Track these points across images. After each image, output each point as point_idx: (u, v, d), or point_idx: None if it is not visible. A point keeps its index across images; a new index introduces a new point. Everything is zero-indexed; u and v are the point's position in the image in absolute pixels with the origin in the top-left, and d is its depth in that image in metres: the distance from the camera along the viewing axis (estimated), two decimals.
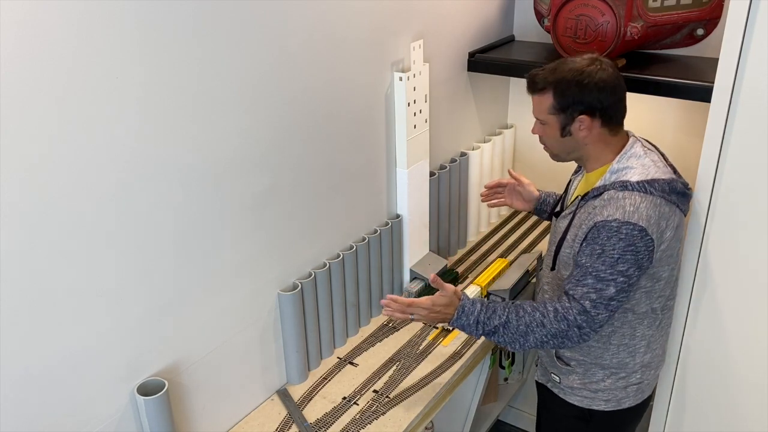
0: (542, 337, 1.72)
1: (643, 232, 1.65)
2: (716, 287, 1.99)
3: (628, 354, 1.87)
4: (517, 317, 1.73)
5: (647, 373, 1.94)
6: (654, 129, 2.51)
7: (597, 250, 1.68)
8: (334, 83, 1.91)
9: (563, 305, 1.71)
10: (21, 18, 1.13)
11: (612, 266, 1.66)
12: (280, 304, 1.90)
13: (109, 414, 1.51)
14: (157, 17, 1.36)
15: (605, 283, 1.67)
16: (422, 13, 2.22)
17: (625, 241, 1.65)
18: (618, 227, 1.65)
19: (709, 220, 1.92)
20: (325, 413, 1.88)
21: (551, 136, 1.82)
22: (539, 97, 1.78)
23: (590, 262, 1.69)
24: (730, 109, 1.78)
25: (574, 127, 1.77)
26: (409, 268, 2.41)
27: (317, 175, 1.94)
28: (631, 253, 1.65)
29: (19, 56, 1.14)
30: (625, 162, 1.76)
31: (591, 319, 1.69)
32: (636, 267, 1.67)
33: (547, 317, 1.71)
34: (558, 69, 1.76)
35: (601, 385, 1.91)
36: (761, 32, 1.67)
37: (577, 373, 1.93)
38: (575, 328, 1.70)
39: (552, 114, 1.77)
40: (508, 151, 2.96)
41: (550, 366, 2.00)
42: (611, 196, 1.71)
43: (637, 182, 1.70)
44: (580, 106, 1.74)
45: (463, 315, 1.76)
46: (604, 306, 1.68)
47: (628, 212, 1.65)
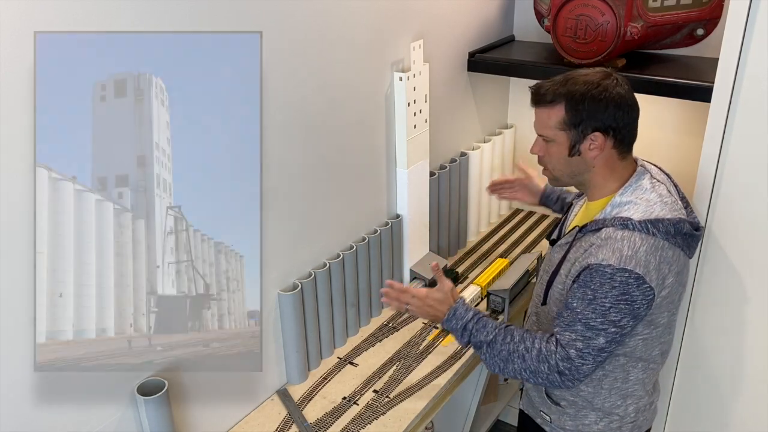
0: (521, 370, 1.61)
1: (640, 280, 1.50)
2: (716, 287, 1.99)
3: (620, 397, 1.73)
4: (503, 341, 1.63)
5: (642, 413, 1.79)
6: (654, 129, 2.51)
7: (588, 296, 1.53)
8: (334, 83, 1.91)
9: (548, 347, 1.58)
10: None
11: (603, 315, 1.52)
12: (280, 304, 1.90)
13: (109, 414, 1.51)
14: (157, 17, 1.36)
15: (595, 332, 1.53)
16: (422, 13, 2.22)
17: (618, 290, 1.50)
18: (612, 274, 1.50)
19: (709, 220, 1.92)
20: (325, 413, 1.88)
21: (557, 155, 1.65)
22: (548, 110, 1.61)
23: (581, 307, 1.55)
24: (730, 109, 1.78)
25: (585, 146, 1.60)
26: (409, 268, 2.41)
27: (317, 175, 1.94)
28: (625, 302, 1.51)
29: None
30: (629, 196, 1.61)
31: (575, 369, 1.56)
32: (631, 317, 1.53)
33: (530, 353, 1.60)
34: (570, 81, 1.59)
35: (594, 428, 1.77)
36: (761, 32, 1.67)
37: (568, 414, 1.79)
38: (556, 374, 1.57)
39: (562, 130, 1.60)
40: (508, 151, 2.96)
41: (538, 402, 1.87)
42: (609, 235, 1.56)
43: (639, 221, 1.54)
44: (594, 123, 1.57)
45: (453, 318, 1.70)
46: (592, 357, 1.55)
47: (624, 257, 1.50)
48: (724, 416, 2.12)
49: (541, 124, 1.64)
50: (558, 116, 1.59)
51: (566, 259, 1.67)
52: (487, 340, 1.65)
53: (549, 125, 1.62)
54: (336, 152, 1.99)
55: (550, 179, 1.74)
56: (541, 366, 1.58)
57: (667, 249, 1.55)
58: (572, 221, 1.81)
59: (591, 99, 1.56)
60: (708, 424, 2.17)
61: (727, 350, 2.04)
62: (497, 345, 1.64)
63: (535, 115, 1.66)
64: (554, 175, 1.71)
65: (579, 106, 1.57)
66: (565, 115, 1.58)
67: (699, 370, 2.11)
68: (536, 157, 1.72)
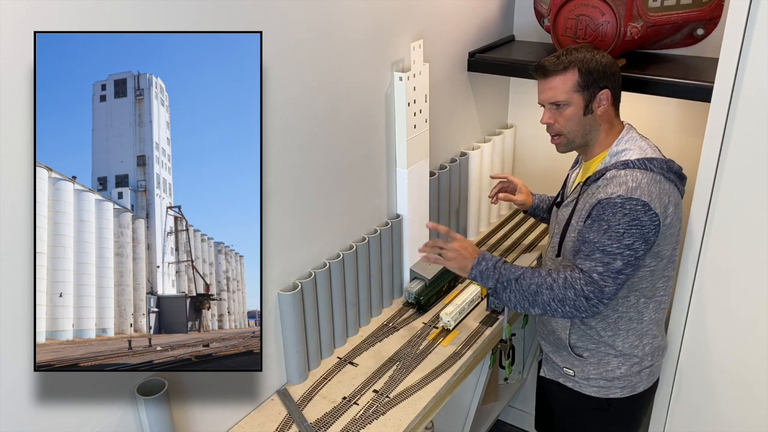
0: (550, 300, 1.77)
1: (647, 207, 1.70)
2: (716, 287, 1.99)
3: (637, 337, 1.93)
4: (531, 276, 1.79)
5: (657, 355, 1.99)
6: (654, 129, 2.50)
7: (603, 226, 1.73)
8: (334, 83, 1.91)
9: (572, 275, 1.76)
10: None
11: (618, 240, 1.71)
12: (280, 303, 1.90)
13: (109, 414, 1.51)
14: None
15: (612, 257, 1.72)
16: (422, 13, 2.21)
17: (629, 216, 1.70)
18: (622, 203, 1.71)
19: (709, 220, 1.92)
20: (325, 413, 1.88)
21: (572, 116, 1.84)
22: (562, 77, 1.82)
23: (597, 237, 1.74)
24: (730, 109, 1.78)
25: (595, 105, 1.83)
26: (408, 267, 2.41)
27: (317, 174, 1.94)
28: (636, 227, 1.71)
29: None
30: (623, 145, 1.84)
31: (599, 290, 1.73)
32: (642, 240, 1.72)
33: (557, 282, 1.76)
34: (572, 51, 1.83)
35: (617, 372, 1.95)
36: (761, 32, 1.67)
37: (591, 363, 1.97)
38: (582, 298, 1.74)
39: (576, 92, 1.82)
40: (508, 151, 2.96)
41: (561, 361, 2.03)
42: (613, 174, 1.78)
43: (637, 159, 1.78)
44: (602, 82, 1.82)
45: (482, 260, 1.85)
46: (612, 279, 1.73)
47: (630, 188, 1.72)
48: (724, 416, 2.12)
49: (556, 91, 1.84)
50: (572, 80, 1.81)
51: (576, 210, 1.87)
52: (515, 276, 1.81)
53: (565, 90, 1.83)
54: (336, 152, 1.99)
55: (562, 144, 1.92)
56: (568, 293, 1.75)
57: (663, 182, 1.76)
58: (574, 182, 2.01)
59: (596, 63, 1.81)
60: (708, 424, 2.16)
61: (727, 350, 2.04)
62: (525, 280, 1.80)
63: (545, 86, 1.86)
64: (568, 138, 1.89)
65: (591, 69, 1.81)
66: (579, 78, 1.81)
67: (699, 369, 2.11)
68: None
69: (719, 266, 1.96)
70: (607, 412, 2.02)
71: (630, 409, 2.04)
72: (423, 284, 2.37)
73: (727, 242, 1.92)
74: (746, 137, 1.78)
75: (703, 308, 2.03)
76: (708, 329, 2.05)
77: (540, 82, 1.88)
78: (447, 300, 2.38)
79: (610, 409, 2.01)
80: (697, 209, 1.92)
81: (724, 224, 1.91)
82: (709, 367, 2.09)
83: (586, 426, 2.11)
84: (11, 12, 1.13)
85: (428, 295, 2.34)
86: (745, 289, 1.94)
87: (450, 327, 2.22)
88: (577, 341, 1.97)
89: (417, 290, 2.35)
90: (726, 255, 1.94)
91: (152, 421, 1.55)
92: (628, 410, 2.04)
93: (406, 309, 2.37)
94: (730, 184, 1.85)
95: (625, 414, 2.04)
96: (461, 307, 2.26)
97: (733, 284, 1.96)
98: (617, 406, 2.01)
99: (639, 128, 1.95)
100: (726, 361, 2.05)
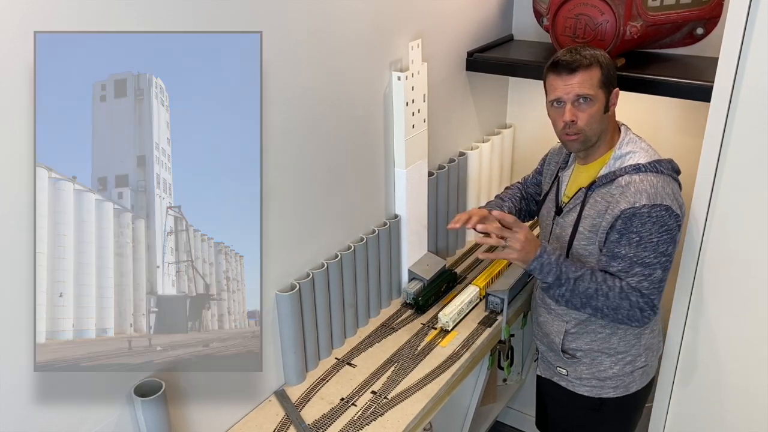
0: (603, 307, 1.78)
1: (670, 210, 1.73)
2: (716, 287, 1.99)
3: (635, 337, 1.94)
4: (590, 279, 1.79)
5: (651, 356, 2.00)
6: (654, 129, 2.51)
7: (634, 239, 1.74)
8: (332, 83, 1.90)
9: (628, 285, 1.76)
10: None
11: (654, 250, 1.74)
12: (277, 304, 1.90)
13: (107, 414, 1.51)
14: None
15: (652, 268, 1.74)
16: (421, 13, 2.21)
17: (657, 224, 1.72)
18: (648, 212, 1.72)
19: (709, 220, 1.92)
20: (323, 414, 1.88)
21: (596, 113, 1.80)
22: (588, 72, 1.78)
23: (633, 251, 1.75)
24: (730, 109, 1.78)
25: (611, 103, 1.83)
26: (407, 268, 2.40)
27: (315, 175, 1.93)
28: (666, 233, 1.74)
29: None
30: (626, 147, 1.83)
31: (650, 303, 1.77)
32: (673, 244, 1.77)
33: (613, 291, 1.77)
34: (585, 48, 1.81)
35: (609, 372, 1.96)
36: (761, 32, 1.67)
37: (584, 363, 1.98)
38: (637, 309, 1.77)
39: (600, 88, 1.79)
40: (507, 151, 2.95)
41: (554, 360, 2.04)
42: (627, 181, 1.77)
43: (648, 163, 1.78)
44: (614, 81, 1.83)
45: (545, 253, 1.82)
46: (657, 289, 1.77)
47: (651, 194, 1.73)
48: (724, 416, 2.12)
49: (583, 85, 1.78)
50: (596, 77, 1.78)
51: (583, 216, 1.86)
52: (576, 276, 1.80)
53: (592, 85, 1.78)
54: (335, 152, 1.99)
55: (579, 142, 1.84)
56: (623, 303, 1.77)
57: (673, 182, 1.80)
58: (569, 186, 1.97)
59: (609, 61, 1.81)
60: (708, 423, 2.17)
61: (727, 350, 2.04)
62: (584, 282, 1.79)
63: (570, 81, 1.78)
64: (586, 136, 1.83)
65: (609, 67, 1.80)
66: (601, 75, 1.78)
67: (699, 370, 2.11)
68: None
69: (719, 266, 1.96)
70: (599, 411, 2.03)
71: (623, 409, 2.05)
72: (421, 285, 2.37)
73: (727, 242, 1.92)
74: (746, 137, 1.78)
75: (703, 308, 2.04)
76: (708, 329, 2.05)
77: (563, 77, 1.79)
78: (445, 300, 2.38)
79: (602, 408, 2.02)
80: (697, 209, 1.92)
81: (723, 224, 1.91)
82: (709, 366, 2.09)
83: (579, 425, 2.12)
84: (11, 12, 1.12)
85: (427, 295, 2.33)
86: (744, 289, 1.94)
87: (449, 328, 2.21)
88: (570, 344, 1.98)
89: (415, 291, 2.34)
90: (726, 255, 1.94)
91: (149, 422, 1.54)
92: (621, 410, 2.05)
93: (404, 309, 2.36)
94: (730, 183, 1.85)
95: (618, 414, 2.05)
96: (460, 307, 2.25)
97: (733, 284, 1.96)
98: (610, 406, 2.02)
99: (638, 128, 1.96)
100: (726, 360, 2.05)
